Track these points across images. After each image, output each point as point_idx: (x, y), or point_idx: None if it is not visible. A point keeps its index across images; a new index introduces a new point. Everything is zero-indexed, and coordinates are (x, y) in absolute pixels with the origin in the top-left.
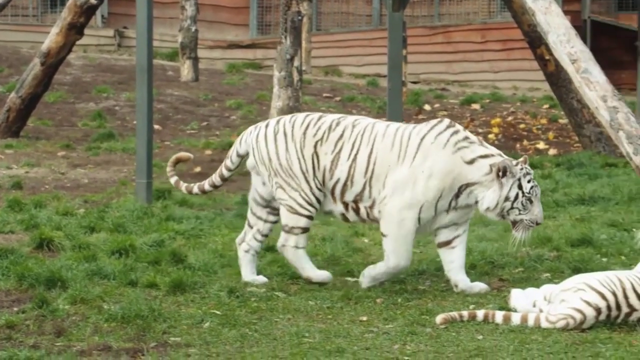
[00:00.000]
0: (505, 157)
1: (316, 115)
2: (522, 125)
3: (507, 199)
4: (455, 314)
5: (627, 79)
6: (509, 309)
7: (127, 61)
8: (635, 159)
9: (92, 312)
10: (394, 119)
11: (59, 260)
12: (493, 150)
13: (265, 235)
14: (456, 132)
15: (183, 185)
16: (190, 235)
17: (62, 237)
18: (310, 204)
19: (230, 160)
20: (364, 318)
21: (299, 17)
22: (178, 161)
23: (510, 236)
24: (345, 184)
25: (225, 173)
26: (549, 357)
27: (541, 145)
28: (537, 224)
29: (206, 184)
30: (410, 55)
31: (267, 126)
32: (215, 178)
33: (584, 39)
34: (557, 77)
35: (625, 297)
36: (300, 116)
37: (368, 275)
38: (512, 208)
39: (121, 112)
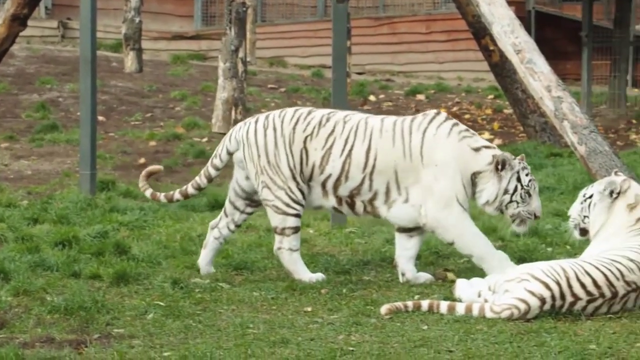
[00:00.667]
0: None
1: (305, 110)
2: (467, 116)
3: (506, 191)
4: (400, 304)
5: (572, 69)
6: (453, 299)
7: (71, 52)
8: (580, 148)
9: (35, 304)
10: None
11: (1, 251)
12: (490, 143)
13: (238, 226)
14: (456, 123)
15: (161, 195)
16: (134, 226)
17: (5, 229)
18: (297, 202)
19: (220, 158)
20: (309, 309)
21: (244, 9)
22: (150, 175)
23: (510, 231)
24: (338, 179)
25: (213, 173)
26: (494, 347)
27: (486, 135)
28: (536, 217)
29: (190, 188)
30: (355, 47)
31: (256, 122)
32: (200, 180)
33: (528, 29)
34: (501, 68)
35: (570, 286)
36: (289, 111)
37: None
38: (511, 201)
39: (65, 104)
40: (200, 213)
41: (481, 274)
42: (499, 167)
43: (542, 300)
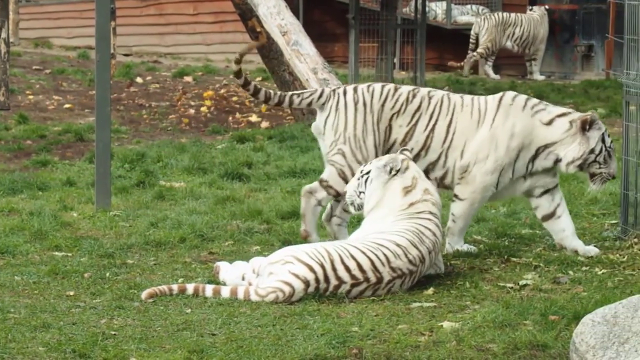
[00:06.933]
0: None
1: (392, 86)
2: (234, 98)
3: (592, 151)
4: (164, 287)
5: (340, 51)
6: (218, 283)
7: None
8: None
9: None
10: (102, 92)
11: None
12: (567, 109)
13: None
14: (528, 97)
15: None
16: None
17: None
18: None
19: (301, 101)
20: (71, 293)
21: None
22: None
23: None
24: (418, 154)
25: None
26: (257, 329)
27: (254, 117)
28: (613, 177)
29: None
30: (122, 28)
31: (345, 93)
32: (286, 96)
33: (296, 11)
34: (268, 50)
35: (334, 269)
36: (377, 86)
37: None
38: (594, 161)
39: None
40: None
41: (245, 256)
42: (587, 127)
43: (306, 283)
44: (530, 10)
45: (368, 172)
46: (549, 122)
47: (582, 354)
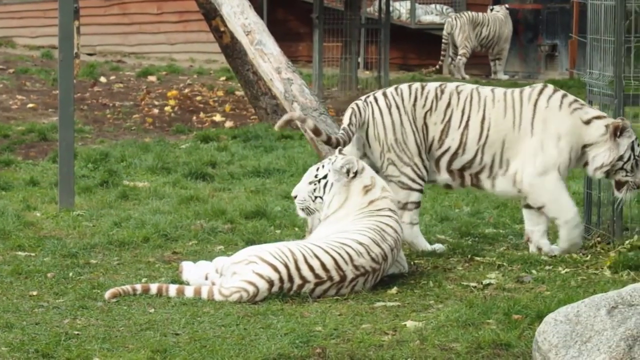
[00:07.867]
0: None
1: (419, 84)
2: (198, 98)
3: (620, 158)
4: (128, 287)
5: (304, 50)
6: (182, 282)
7: None
8: (310, 131)
9: None
10: (65, 91)
11: None
12: (601, 111)
13: None
14: (565, 95)
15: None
16: None
17: None
18: (421, 177)
19: (355, 128)
20: (34, 293)
21: None
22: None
23: (614, 197)
24: (455, 153)
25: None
26: (220, 329)
27: (218, 117)
28: (638, 187)
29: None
30: (85, 27)
31: (377, 100)
32: (347, 131)
33: (260, 11)
34: (232, 49)
35: (298, 268)
36: (404, 87)
37: (561, 250)
38: (621, 168)
39: None
40: None
41: (209, 256)
42: (618, 133)
43: (270, 283)
44: (492, 10)
45: (325, 176)
46: (588, 122)
47: (545, 353)
